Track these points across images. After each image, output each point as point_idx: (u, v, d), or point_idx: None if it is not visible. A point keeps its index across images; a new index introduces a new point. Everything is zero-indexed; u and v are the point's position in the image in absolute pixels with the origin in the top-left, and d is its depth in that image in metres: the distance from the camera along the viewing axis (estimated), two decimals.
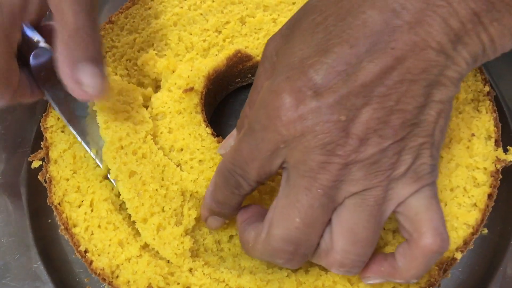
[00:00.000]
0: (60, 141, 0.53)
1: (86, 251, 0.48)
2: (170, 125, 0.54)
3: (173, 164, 0.51)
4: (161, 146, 0.52)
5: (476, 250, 0.55)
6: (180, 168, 0.51)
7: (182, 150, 0.52)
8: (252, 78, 0.62)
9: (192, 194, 0.50)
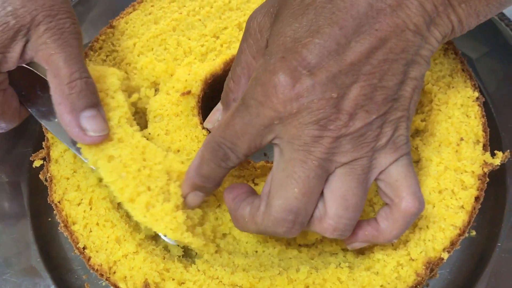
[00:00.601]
0: (60, 141, 0.54)
1: (85, 248, 0.49)
2: (168, 127, 0.55)
3: (153, 144, 0.51)
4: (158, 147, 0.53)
5: (464, 251, 0.56)
6: None
7: (179, 151, 0.53)
8: None
9: (179, 175, 0.49)
